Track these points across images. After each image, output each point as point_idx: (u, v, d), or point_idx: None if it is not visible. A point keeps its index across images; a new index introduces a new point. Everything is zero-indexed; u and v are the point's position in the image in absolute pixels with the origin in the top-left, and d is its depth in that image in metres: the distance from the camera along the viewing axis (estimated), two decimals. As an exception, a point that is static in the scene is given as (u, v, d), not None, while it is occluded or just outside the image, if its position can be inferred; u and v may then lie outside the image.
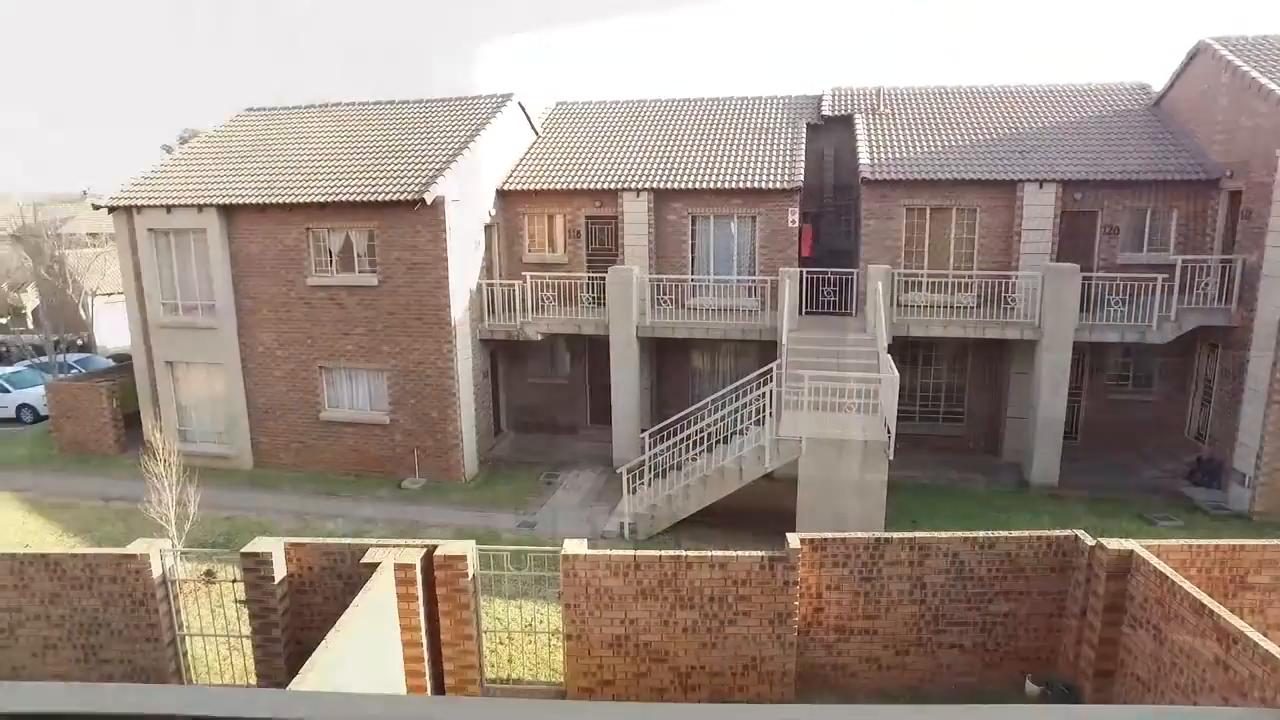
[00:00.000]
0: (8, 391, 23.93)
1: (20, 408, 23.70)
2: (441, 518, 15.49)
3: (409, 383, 17.44)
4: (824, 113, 21.32)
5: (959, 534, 9.41)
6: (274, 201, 17.32)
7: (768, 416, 14.00)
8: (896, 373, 13.45)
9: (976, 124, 19.84)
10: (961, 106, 20.80)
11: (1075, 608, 9.08)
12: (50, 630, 9.71)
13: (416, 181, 16.79)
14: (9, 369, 26.08)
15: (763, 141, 20.23)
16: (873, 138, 19.40)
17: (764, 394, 14.27)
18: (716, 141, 20.50)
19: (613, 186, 18.91)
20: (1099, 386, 18.41)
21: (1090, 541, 8.93)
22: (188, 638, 10.06)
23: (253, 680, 9.66)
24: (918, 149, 18.88)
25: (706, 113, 22.28)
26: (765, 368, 15.23)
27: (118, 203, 18.40)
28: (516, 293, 18.17)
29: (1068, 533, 9.30)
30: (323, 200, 17.01)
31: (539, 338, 18.37)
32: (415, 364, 17.30)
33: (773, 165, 19.00)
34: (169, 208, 18.02)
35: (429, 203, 16.28)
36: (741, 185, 18.39)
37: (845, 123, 20.87)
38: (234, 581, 9.67)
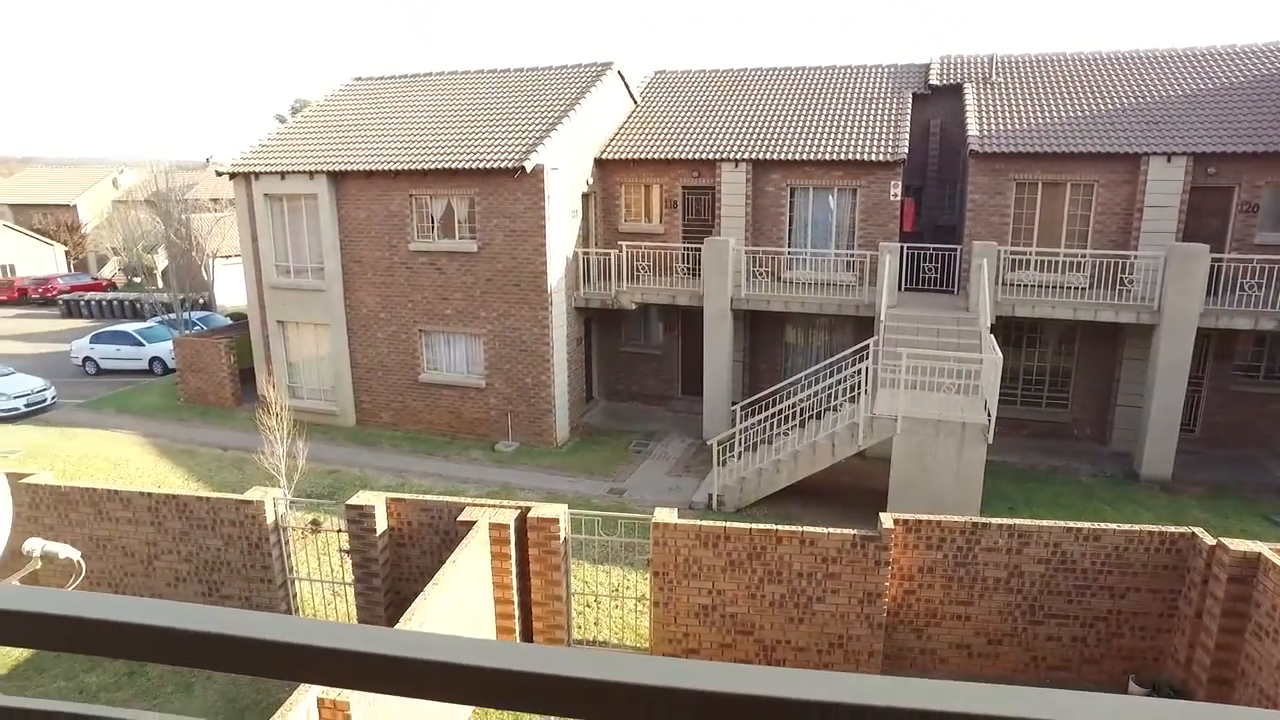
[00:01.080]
0: (141, 345, 25.70)
1: (152, 360, 25.44)
2: (532, 481, 15.87)
3: (505, 348, 17.84)
4: (931, 82, 20.47)
5: (1062, 523, 9.04)
6: (380, 168, 17.88)
7: (862, 394, 13.72)
8: (999, 353, 12.94)
9: (1098, 93, 18.67)
10: (1082, 74, 19.59)
11: (1189, 609, 8.62)
12: (180, 565, 10.47)
13: (517, 150, 17.02)
14: (142, 324, 27.93)
15: (866, 112, 19.60)
16: (983, 108, 18.53)
17: (859, 370, 13.98)
18: (817, 112, 19.98)
19: (711, 156, 18.72)
20: (1223, 376, 17.25)
21: (1210, 541, 8.43)
22: (296, 581, 10.66)
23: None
24: (1031, 120, 17.92)
25: (808, 82, 21.72)
26: (861, 344, 14.91)
27: (237, 169, 19.36)
28: (612, 262, 18.30)
29: (1184, 530, 8.81)
30: (426, 167, 17.46)
31: (633, 307, 18.47)
32: (511, 329, 17.68)
33: (875, 136, 18.41)
34: (283, 174, 18.84)
35: (529, 171, 16.50)
36: (842, 157, 17.90)
37: (954, 92, 20.00)
38: (339, 532, 10.17)
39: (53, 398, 21.69)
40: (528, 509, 9.30)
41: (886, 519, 8.99)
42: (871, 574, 8.91)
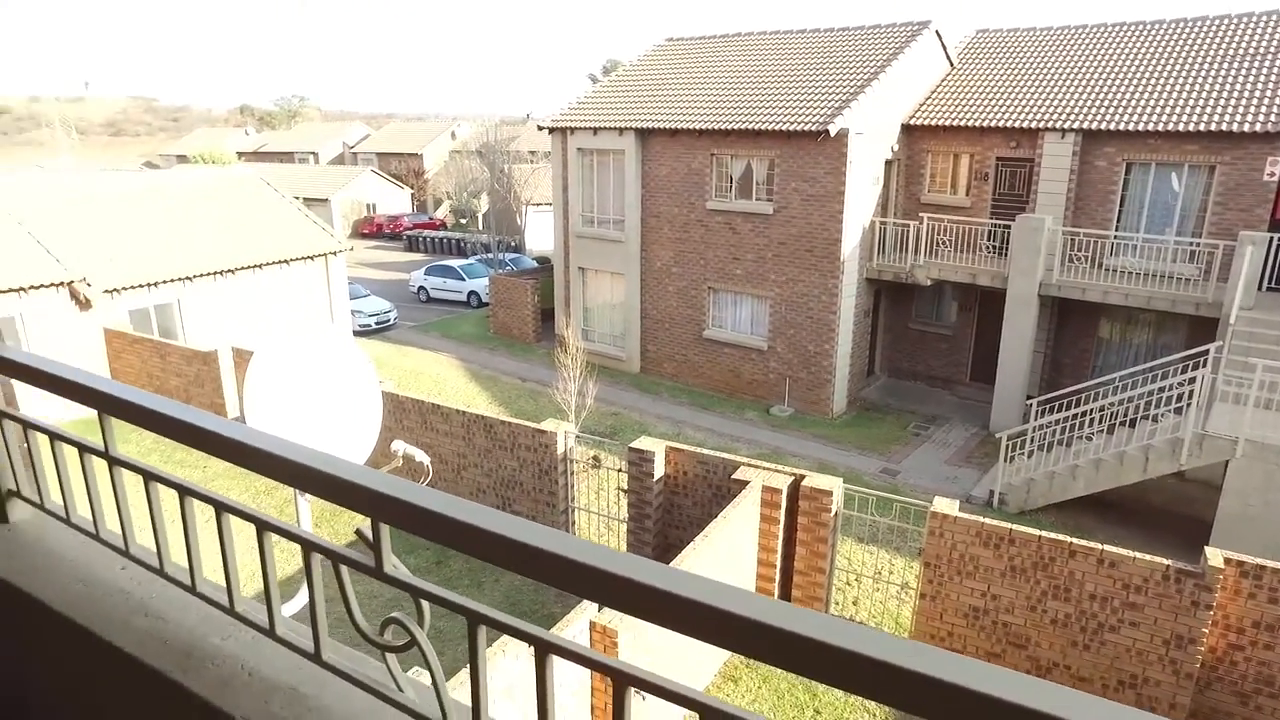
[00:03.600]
0: (463, 280, 29.17)
1: (470, 293, 28.81)
2: (804, 449, 15.82)
3: (790, 312, 17.81)
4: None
5: None
6: (684, 127, 18.42)
7: (1193, 406, 11.92)
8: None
9: None
10: None
11: None
12: (482, 478, 11.88)
13: (821, 112, 16.67)
14: (464, 261, 31.61)
15: (1234, 72, 16.55)
16: None
17: (1192, 379, 12.14)
18: (1167, 73, 17.20)
19: (1033, 125, 16.98)
20: None
21: None
22: (576, 510, 11.64)
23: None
24: None
25: (1160, 39, 18.75)
26: (1198, 349, 12.90)
27: (556, 124, 20.97)
28: (911, 233, 17.43)
29: None
30: (728, 127, 17.70)
31: (928, 283, 17.51)
32: (799, 295, 17.57)
33: (1247, 102, 15.53)
34: (595, 130, 20.10)
35: (832, 135, 16.12)
36: (1202, 127, 15.36)
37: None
38: (619, 471, 10.90)
39: (394, 319, 25.39)
40: (802, 477, 9.31)
41: (1215, 555, 7.80)
42: (1185, 614, 7.82)
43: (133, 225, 18.82)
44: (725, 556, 8.61)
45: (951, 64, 20.29)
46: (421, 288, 30.11)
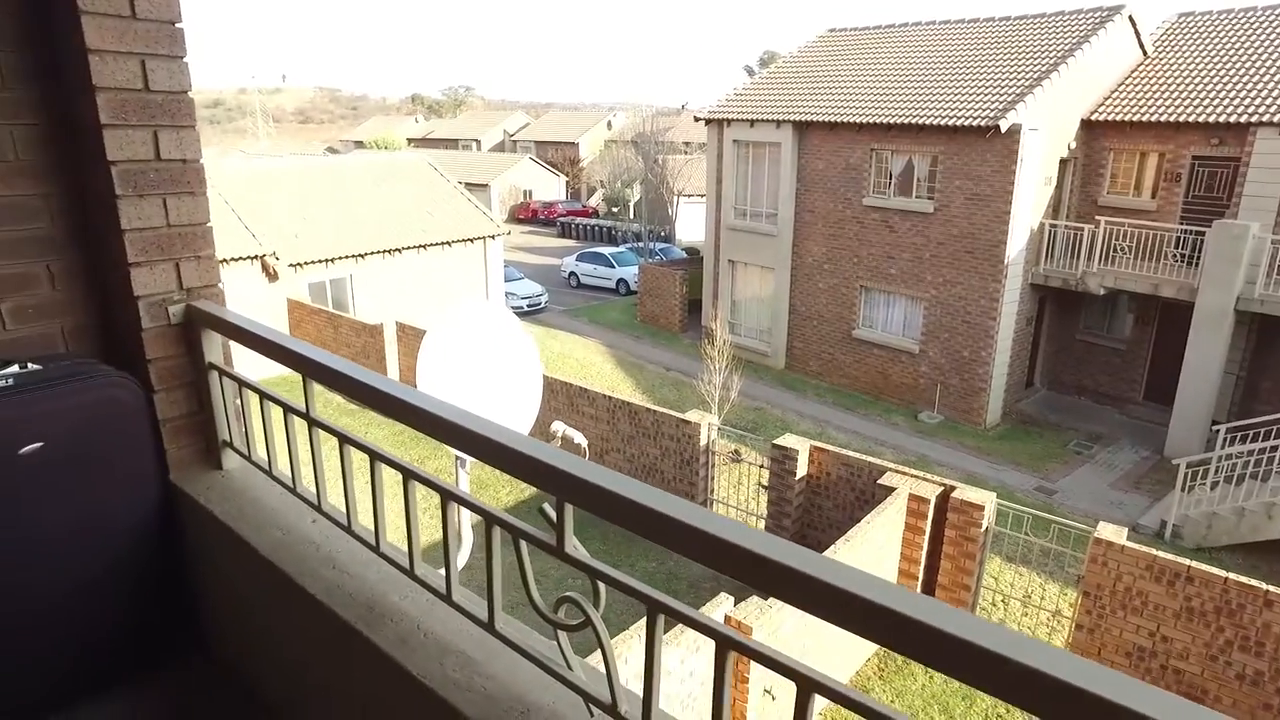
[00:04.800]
0: (613, 267, 29.71)
1: (619, 281, 29.31)
2: (951, 458, 15.10)
3: (945, 316, 17.01)
4: None
5: None
6: (843, 120, 17.90)
7: None
8: None
9: None
10: None
11: None
12: (624, 464, 12.07)
13: (991, 107, 15.75)
14: (615, 249, 32.18)
15: None
16: None
17: None
18: None
19: (1244, 119, 15.30)
20: None
21: None
22: (714, 503, 11.62)
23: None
24: None
25: None
26: None
27: (712, 115, 20.91)
28: (1085, 238, 16.19)
29: None
30: (890, 121, 17.05)
31: (1101, 292, 16.22)
32: (956, 298, 16.75)
33: None
34: (752, 122, 19.88)
35: (1002, 131, 15.21)
36: None
37: None
38: (761, 467, 10.79)
39: (545, 302, 26.22)
40: (951, 488, 8.88)
41: None
42: (1400, 678, 6.88)
43: (314, 205, 20.36)
44: (866, 563, 8.35)
45: (1145, 52, 18.61)
46: (573, 273, 30.91)
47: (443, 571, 1.63)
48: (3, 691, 2.05)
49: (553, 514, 1.27)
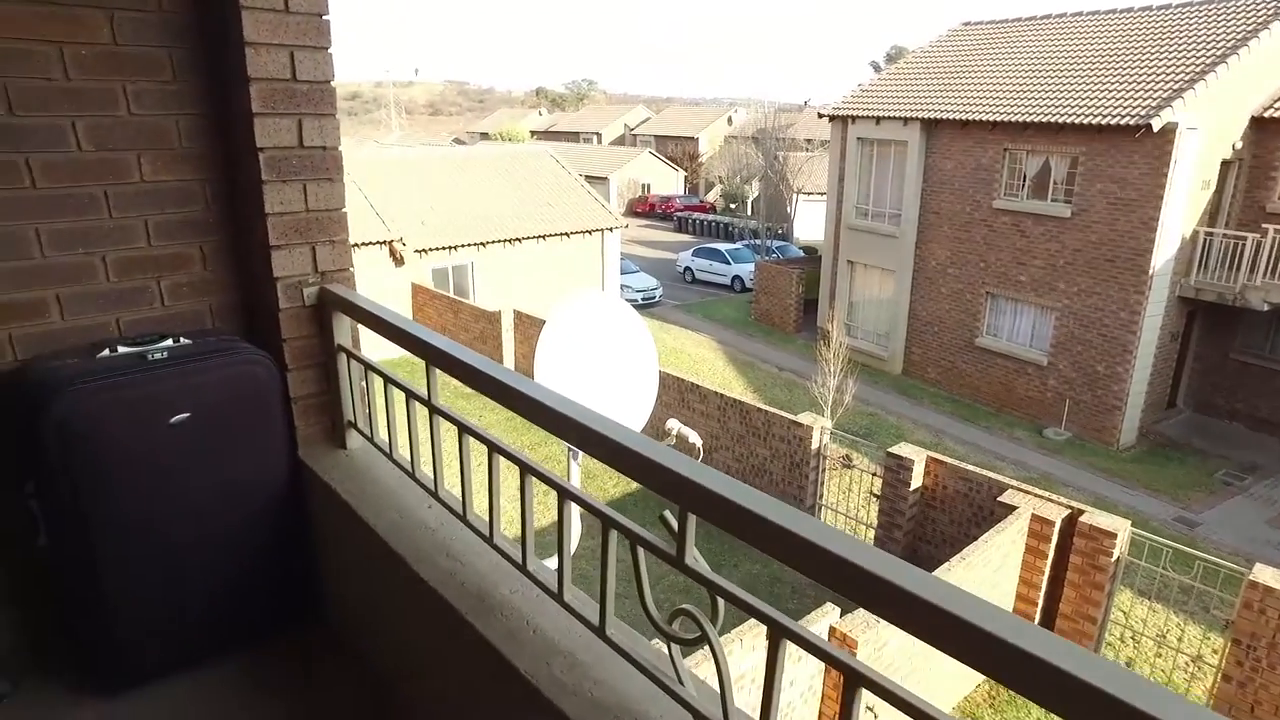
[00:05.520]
0: (728, 264, 29.50)
1: (734, 278, 29.06)
2: (1080, 480, 14.20)
3: (1079, 328, 15.99)
4: None
5: None
6: (976, 118, 17.06)
7: None
8: None
9: None
10: None
11: None
12: (732, 462, 11.95)
13: (1142, 104, 14.64)
14: (731, 246, 31.92)
15: None
16: None
17: None
18: None
19: None
20: None
21: None
22: (823, 508, 11.34)
23: (866, 567, 10.44)
24: None
25: None
26: None
27: (837, 112, 20.39)
28: (1248, 248, 14.84)
29: None
30: (1026, 119, 16.12)
31: (1264, 308, 14.84)
32: (1092, 309, 15.72)
33: None
34: (878, 119, 19.26)
35: (1155, 130, 14.12)
36: None
37: None
38: (874, 475, 10.44)
39: (659, 296, 26.30)
40: (1079, 511, 8.33)
41: None
42: None
43: (441, 194, 21.11)
44: (980, 586, 7.94)
45: (1331, 46, 16.86)
46: (688, 268, 30.87)
47: (553, 564, 1.61)
48: (147, 642, 2.18)
49: (674, 522, 1.22)
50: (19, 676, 1.82)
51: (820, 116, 22.16)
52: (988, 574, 7.95)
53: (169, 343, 2.15)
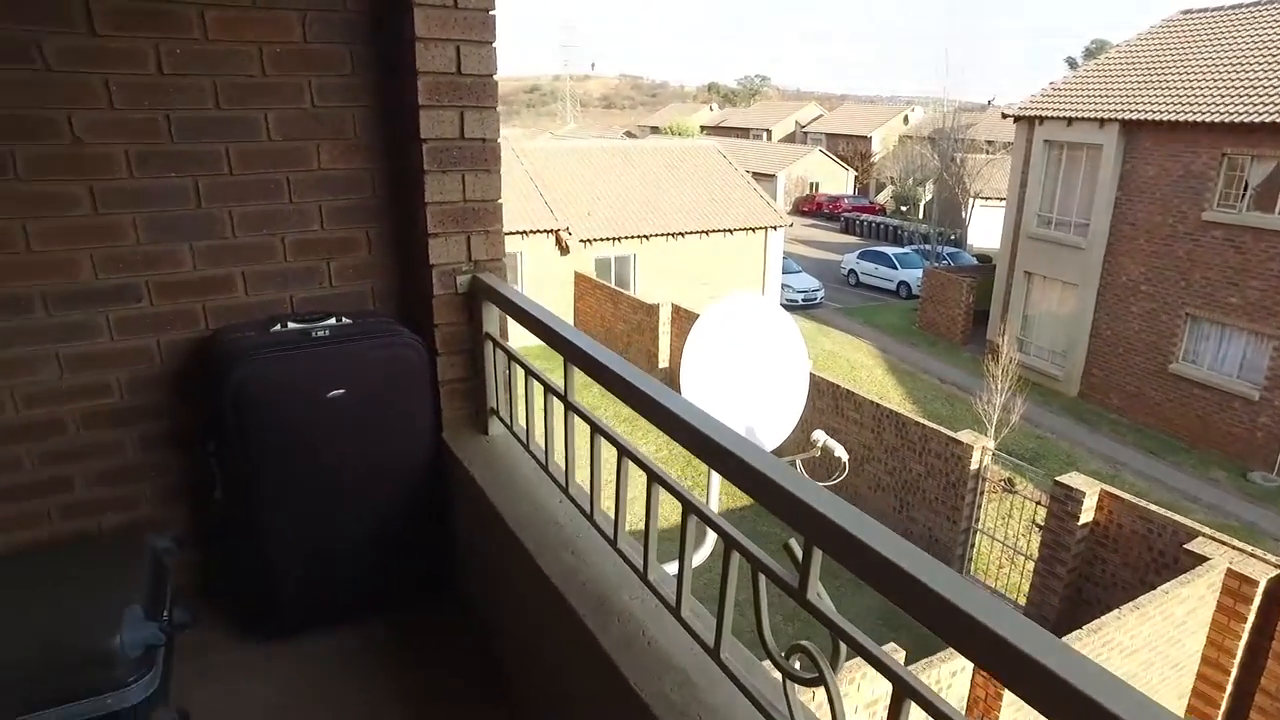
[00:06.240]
0: (895, 269, 28.31)
1: (900, 284, 27.87)
2: (1287, 532, 12.59)
3: (1301, 360, 14.15)
4: None
5: None
6: (1187, 119, 15.38)
7: None
8: None
9: None
10: None
11: None
12: (884, 475, 11.49)
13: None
14: (899, 250, 30.62)
15: None
16: None
17: None
18: None
19: None
20: None
21: None
22: (978, 532, 10.67)
23: (1020, 603, 9.73)
24: None
25: None
26: None
27: (1023, 112, 19.05)
28: None
29: None
30: (1252, 120, 14.36)
31: None
32: (1318, 340, 13.87)
33: None
34: (1069, 120, 17.81)
35: None
36: None
37: None
38: (1037, 503, 9.71)
39: (821, 298, 25.67)
40: (1289, 570, 7.35)
41: None
42: None
43: (608, 186, 21.56)
44: (1156, 641, 7.19)
45: None
46: (852, 271, 29.90)
47: (674, 572, 1.56)
48: (297, 598, 2.33)
49: (798, 552, 1.13)
50: (197, 612, 2.04)
51: (1004, 117, 20.76)
52: (1167, 629, 7.19)
53: (331, 321, 2.28)
